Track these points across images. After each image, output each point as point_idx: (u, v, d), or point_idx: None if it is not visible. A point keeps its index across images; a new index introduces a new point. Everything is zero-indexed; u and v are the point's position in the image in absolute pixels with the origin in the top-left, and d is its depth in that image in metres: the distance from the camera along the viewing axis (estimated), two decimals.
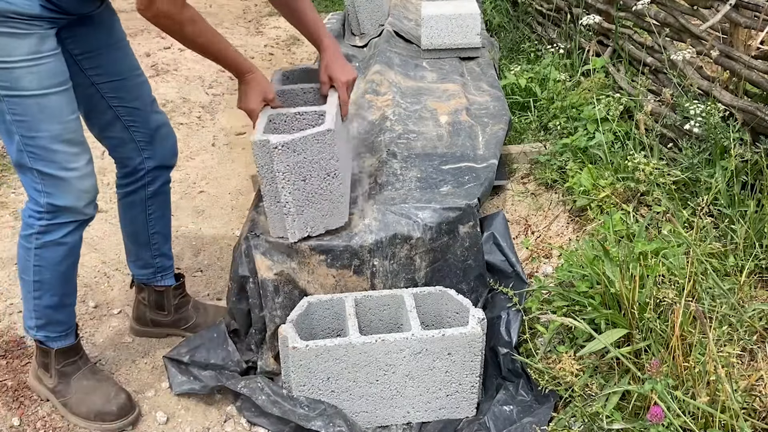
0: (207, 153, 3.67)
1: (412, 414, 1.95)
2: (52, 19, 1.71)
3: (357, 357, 1.84)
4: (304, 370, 1.84)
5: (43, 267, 1.88)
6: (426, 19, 3.50)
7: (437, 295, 2.02)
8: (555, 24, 4.00)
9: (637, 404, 1.58)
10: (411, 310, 1.93)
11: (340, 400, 1.89)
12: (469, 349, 1.87)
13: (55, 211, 1.81)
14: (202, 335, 2.16)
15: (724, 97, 2.31)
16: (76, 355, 2.03)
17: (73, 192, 1.80)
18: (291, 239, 1.93)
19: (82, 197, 1.82)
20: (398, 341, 1.84)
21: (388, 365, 1.86)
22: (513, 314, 2.00)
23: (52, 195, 1.79)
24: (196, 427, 2.01)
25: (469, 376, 1.91)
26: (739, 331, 1.63)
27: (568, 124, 2.85)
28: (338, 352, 1.83)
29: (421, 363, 1.87)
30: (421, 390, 1.91)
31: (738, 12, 2.27)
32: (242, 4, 6.41)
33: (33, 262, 1.87)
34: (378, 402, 1.91)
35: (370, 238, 2.02)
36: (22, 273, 1.93)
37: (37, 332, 1.98)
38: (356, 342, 1.82)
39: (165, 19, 1.70)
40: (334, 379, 1.86)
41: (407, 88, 3.13)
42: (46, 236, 1.84)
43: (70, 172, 1.78)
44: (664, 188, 2.21)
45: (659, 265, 1.81)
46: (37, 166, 1.75)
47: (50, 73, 1.70)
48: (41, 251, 1.86)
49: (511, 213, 2.59)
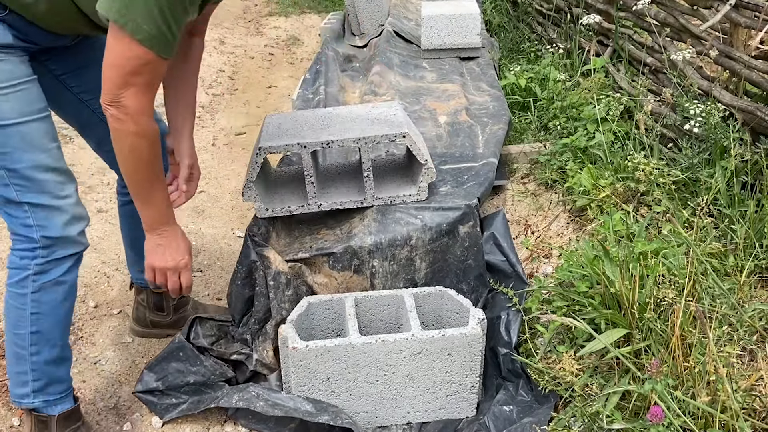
0: (207, 153, 3.67)
1: (412, 414, 1.94)
2: (26, 48, 1.64)
3: (357, 357, 1.83)
4: (304, 370, 1.84)
5: (42, 314, 1.73)
6: (426, 19, 3.50)
7: (437, 295, 2.02)
8: (555, 24, 4.00)
9: (637, 404, 1.58)
10: (411, 310, 1.92)
11: (341, 400, 1.89)
12: (469, 349, 1.87)
13: (52, 244, 1.68)
14: (164, 357, 2.05)
15: (724, 97, 2.31)
16: (78, 421, 1.87)
17: (67, 220, 1.69)
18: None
19: (76, 225, 1.71)
20: (398, 341, 1.83)
21: (388, 365, 1.86)
22: (513, 314, 2.00)
23: (46, 227, 1.66)
24: (196, 427, 2.00)
25: (469, 376, 1.91)
26: (739, 331, 1.63)
27: (568, 124, 2.85)
28: (338, 352, 1.82)
29: (421, 363, 1.87)
30: (421, 390, 1.91)
31: (738, 12, 2.27)
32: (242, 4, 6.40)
33: (30, 310, 1.71)
34: (378, 402, 1.91)
35: (369, 239, 2.02)
36: (13, 329, 1.74)
37: (35, 398, 1.79)
38: (356, 342, 1.82)
39: (126, 115, 1.54)
40: (334, 379, 1.86)
41: (407, 88, 3.13)
42: (45, 276, 1.70)
43: (63, 200, 1.68)
44: (664, 188, 2.21)
45: (659, 265, 1.80)
46: (26, 198, 1.64)
47: (28, 100, 1.62)
48: (39, 295, 1.71)
49: (511, 213, 2.59)
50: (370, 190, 2.08)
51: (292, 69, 5.01)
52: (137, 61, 1.49)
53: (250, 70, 4.96)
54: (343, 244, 2.02)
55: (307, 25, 6.08)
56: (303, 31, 5.92)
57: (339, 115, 2.18)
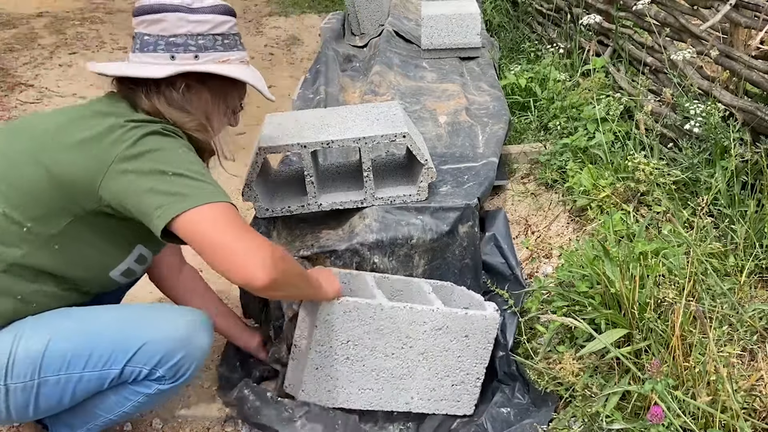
0: None
1: (416, 401, 1.94)
2: None
3: (382, 322, 1.84)
4: (327, 327, 1.82)
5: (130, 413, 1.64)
6: (426, 19, 3.50)
7: (448, 289, 2.05)
8: (555, 24, 4.00)
9: (637, 404, 1.58)
10: (430, 292, 1.95)
11: (353, 369, 1.88)
12: (485, 334, 1.89)
13: (175, 372, 1.57)
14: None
15: (724, 97, 2.31)
16: None
17: (171, 336, 1.55)
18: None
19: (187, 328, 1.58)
20: (425, 311, 1.85)
21: (408, 338, 1.87)
22: (509, 317, 2.00)
23: (161, 361, 1.53)
24: (196, 427, 2.01)
25: (477, 365, 1.93)
26: (739, 331, 1.63)
27: (568, 124, 2.85)
28: (367, 312, 1.82)
29: (438, 341, 1.88)
30: (431, 373, 1.92)
31: (738, 12, 2.27)
32: (242, 4, 6.41)
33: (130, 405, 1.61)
34: (387, 380, 1.91)
35: (371, 238, 2.02)
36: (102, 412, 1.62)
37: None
38: (386, 305, 1.83)
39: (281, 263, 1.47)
40: (353, 343, 1.85)
41: (407, 88, 3.13)
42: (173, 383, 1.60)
43: (148, 327, 1.56)
44: (664, 188, 2.21)
45: (659, 265, 1.80)
46: (125, 360, 1.53)
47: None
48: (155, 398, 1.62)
49: (511, 213, 2.59)
50: (370, 190, 2.08)
51: (292, 69, 5.02)
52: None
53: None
54: (345, 242, 2.02)
55: (307, 25, 6.08)
56: (303, 31, 5.92)
57: (339, 115, 2.18)
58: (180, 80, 1.56)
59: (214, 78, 1.59)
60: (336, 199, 2.09)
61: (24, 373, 1.47)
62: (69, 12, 6.42)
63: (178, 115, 1.56)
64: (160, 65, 1.54)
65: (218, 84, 1.62)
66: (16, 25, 5.87)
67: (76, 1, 6.86)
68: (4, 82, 4.55)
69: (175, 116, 1.55)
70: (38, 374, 1.48)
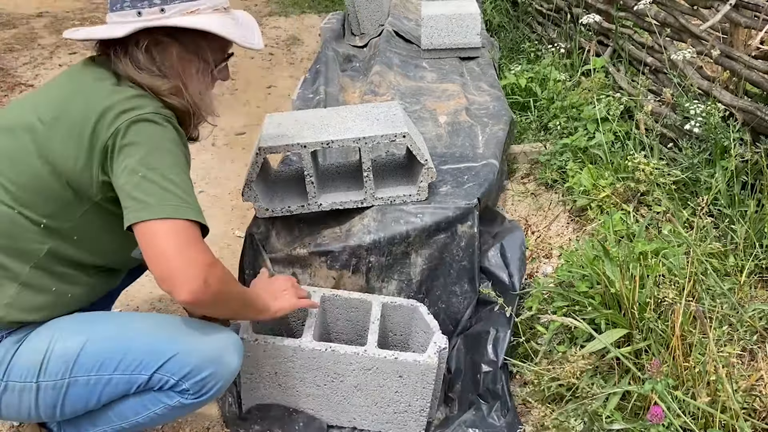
0: (207, 153, 3.67)
1: (359, 421, 1.90)
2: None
3: (305, 360, 1.80)
4: (252, 360, 1.81)
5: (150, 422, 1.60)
6: (426, 19, 3.50)
7: (409, 309, 1.97)
8: (555, 24, 4.00)
9: (637, 404, 1.58)
10: (374, 321, 1.88)
11: (287, 395, 1.86)
12: (421, 377, 1.78)
13: (201, 388, 1.53)
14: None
15: (724, 97, 2.31)
16: None
17: (203, 351, 1.51)
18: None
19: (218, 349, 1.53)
20: (348, 355, 1.77)
21: (336, 374, 1.81)
22: (502, 332, 1.95)
23: (190, 373, 1.49)
24: (196, 427, 2.00)
25: (419, 400, 1.83)
26: (739, 331, 1.63)
27: (568, 124, 2.85)
28: (287, 352, 1.79)
29: (370, 378, 1.81)
30: (369, 402, 1.85)
31: (738, 12, 2.27)
32: (242, 4, 6.41)
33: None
34: (325, 404, 1.87)
35: (368, 238, 2.02)
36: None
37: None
38: (306, 347, 1.78)
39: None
40: (281, 374, 1.83)
41: (406, 88, 3.13)
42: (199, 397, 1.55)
43: (181, 340, 1.52)
44: (664, 188, 2.21)
45: (659, 265, 1.80)
46: (156, 366, 1.49)
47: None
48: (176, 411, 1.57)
49: (511, 213, 2.59)
50: (370, 190, 2.08)
51: (292, 69, 5.02)
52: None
53: (250, 70, 4.96)
54: (341, 243, 2.02)
55: (307, 25, 6.08)
56: (303, 31, 5.92)
57: (339, 115, 2.18)
58: (144, 38, 1.44)
59: (184, 32, 1.47)
60: (336, 199, 2.09)
61: (57, 371, 1.47)
62: (69, 12, 6.43)
63: (149, 80, 1.46)
64: (122, 23, 1.44)
65: (189, 38, 1.49)
66: (16, 25, 5.87)
67: (76, 1, 6.86)
68: (4, 82, 4.56)
69: (147, 81, 1.45)
70: (70, 373, 1.47)
